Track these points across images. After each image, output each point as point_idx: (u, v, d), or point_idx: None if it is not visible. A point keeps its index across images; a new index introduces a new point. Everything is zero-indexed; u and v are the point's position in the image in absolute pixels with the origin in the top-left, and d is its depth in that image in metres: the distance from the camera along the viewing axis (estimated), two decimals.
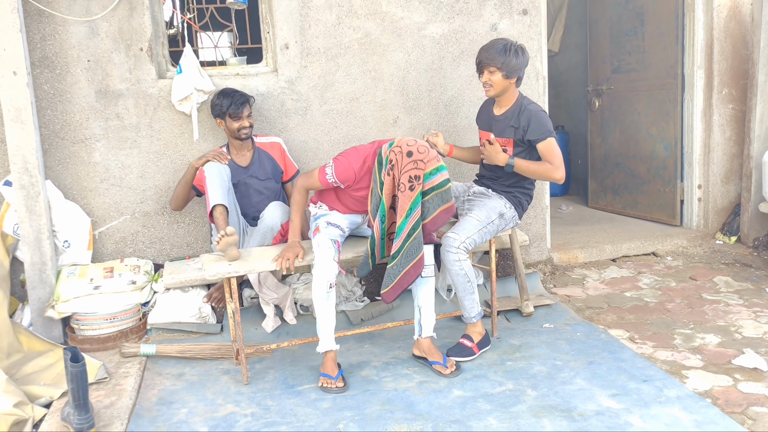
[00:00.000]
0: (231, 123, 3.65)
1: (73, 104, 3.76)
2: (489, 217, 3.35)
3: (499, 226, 3.42)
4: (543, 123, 3.33)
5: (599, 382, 3.00)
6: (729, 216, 5.07)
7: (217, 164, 3.59)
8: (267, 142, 3.85)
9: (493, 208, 3.39)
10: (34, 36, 3.64)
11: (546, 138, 3.32)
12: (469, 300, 3.34)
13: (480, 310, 3.39)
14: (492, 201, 3.43)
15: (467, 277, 3.28)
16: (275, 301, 3.73)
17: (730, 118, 4.99)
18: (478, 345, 3.35)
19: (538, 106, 3.44)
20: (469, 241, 3.26)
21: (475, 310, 3.36)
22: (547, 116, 3.38)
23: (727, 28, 4.85)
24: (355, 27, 4.07)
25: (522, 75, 3.39)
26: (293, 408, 2.93)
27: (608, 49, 5.63)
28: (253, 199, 3.77)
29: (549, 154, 3.33)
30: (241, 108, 3.63)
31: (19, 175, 3.51)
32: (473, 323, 3.37)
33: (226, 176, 3.60)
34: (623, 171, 5.64)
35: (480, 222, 3.32)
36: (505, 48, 3.29)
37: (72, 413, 2.68)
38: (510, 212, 3.45)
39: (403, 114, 4.22)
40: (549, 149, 3.33)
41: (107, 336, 3.54)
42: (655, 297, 4.07)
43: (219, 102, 3.66)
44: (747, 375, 3.03)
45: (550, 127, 3.34)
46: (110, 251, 3.92)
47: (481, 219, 3.33)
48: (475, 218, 3.33)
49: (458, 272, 3.25)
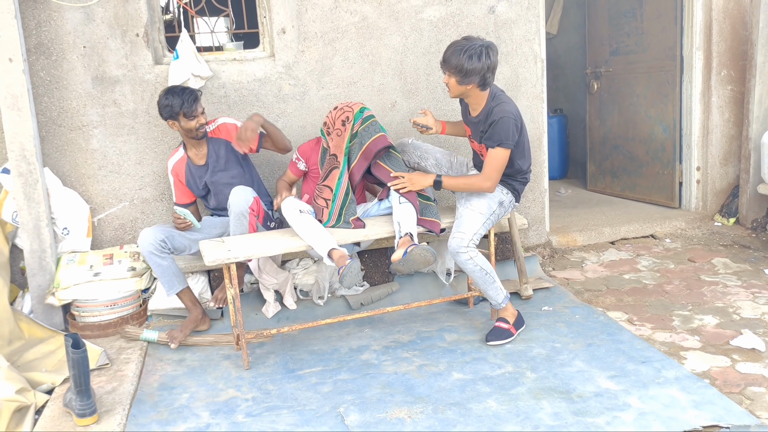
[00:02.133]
0: (186, 122, 3.47)
1: (69, 91, 3.74)
2: (490, 207, 3.34)
3: (499, 214, 3.42)
4: (499, 131, 3.17)
5: (598, 363, 3.02)
6: (727, 198, 5.08)
7: None
8: (214, 128, 3.67)
9: (493, 198, 3.37)
10: (30, 22, 3.62)
11: (495, 146, 3.21)
12: (493, 289, 3.35)
13: (506, 293, 3.40)
14: None
15: (483, 270, 3.28)
16: (275, 287, 3.74)
17: (729, 99, 4.97)
18: (515, 325, 3.36)
19: (506, 109, 3.20)
20: (476, 237, 3.27)
21: (500, 296, 3.37)
22: (509, 123, 3.17)
23: (726, 9, 4.83)
24: (352, 11, 4.04)
25: (486, 79, 3.16)
26: (294, 392, 2.95)
27: (607, 31, 5.61)
28: (225, 192, 3.61)
29: (488, 161, 3.25)
30: (195, 105, 3.46)
31: (16, 163, 3.50)
32: (503, 308, 3.39)
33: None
34: (622, 153, 5.64)
35: (483, 215, 3.31)
36: (462, 50, 3.08)
37: (74, 399, 2.70)
38: (507, 198, 3.44)
39: (401, 98, 4.21)
40: (490, 158, 3.24)
41: (108, 322, 3.55)
42: (653, 279, 4.08)
43: (168, 102, 3.44)
44: (745, 355, 3.05)
45: (506, 136, 3.17)
46: (109, 238, 3.92)
47: (483, 212, 3.32)
48: (477, 211, 3.31)
49: (473, 269, 3.26)
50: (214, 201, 3.73)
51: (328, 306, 3.83)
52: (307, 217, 3.33)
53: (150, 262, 3.42)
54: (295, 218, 3.32)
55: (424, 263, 3.23)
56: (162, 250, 3.41)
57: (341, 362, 3.21)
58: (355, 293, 3.89)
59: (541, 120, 4.45)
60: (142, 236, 3.43)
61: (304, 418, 2.72)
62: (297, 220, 3.32)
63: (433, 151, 3.66)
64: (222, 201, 3.70)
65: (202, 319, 3.56)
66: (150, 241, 3.40)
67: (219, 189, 3.68)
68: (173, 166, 3.72)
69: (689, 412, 2.58)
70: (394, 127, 4.21)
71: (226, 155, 3.66)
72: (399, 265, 3.21)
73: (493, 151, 3.22)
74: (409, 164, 3.67)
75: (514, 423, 2.59)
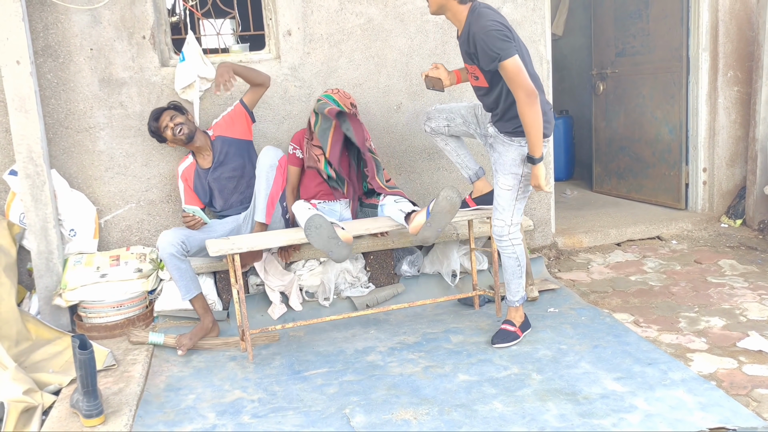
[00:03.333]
0: (168, 136, 3.61)
1: (76, 93, 3.76)
2: (515, 175, 3.08)
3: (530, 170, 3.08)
4: (488, 48, 2.83)
5: (604, 365, 3.01)
6: (734, 199, 5.06)
7: None
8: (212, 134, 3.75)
9: (513, 162, 3.07)
10: (37, 25, 3.64)
11: (498, 62, 2.84)
12: (516, 283, 3.29)
13: (524, 295, 3.34)
14: (508, 154, 3.09)
15: (518, 261, 3.22)
16: (280, 288, 3.75)
17: (736, 100, 4.96)
18: (521, 328, 3.31)
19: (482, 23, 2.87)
20: (515, 217, 3.14)
21: (520, 293, 3.31)
22: (493, 33, 2.83)
23: (732, 10, 4.81)
24: (357, 12, 4.05)
25: None
26: (300, 393, 2.95)
27: (612, 32, 5.60)
28: (230, 186, 3.73)
29: (507, 79, 2.88)
30: (156, 121, 3.61)
31: (24, 165, 3.52)
32: (516, 307, 3.32)
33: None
34: (628, 155, 5.63)
35: (511, 189, 3.10)
36: None
37: (81, 400, 2.70)
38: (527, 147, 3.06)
39: (406, 100, 4.21)
40: (506, 78, 2.87)
41: (114, 324, 3.56)
42: (659, 280, 4.07)
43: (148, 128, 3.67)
44: (752, 357, 3.04)
45: (497, 49, 2.82)
46: (116, 239, 3.94)
47: (511, 185, 3.10)
48: (505, 188, 3.11)
49: (510, 255, 3.21)
50: (220, 200, 3.75)
51: (333, 307, 3.84)
52: (315, 211, 3.40)
53: (169, 265, 3.39)
54: (305, 214, 3.36)
55: (451, 209, 3.20)
56: (182, 252, 3.41)
57: (347, 363, 3.21)
58: (361, 294, 3.90)
59: None
60: (162, 238, 3.42)
61: (309, 420, 2.72)
62: (306, 214, 3.36)
63: (457, 108, 3.44)
64: (227, 197, 3.74)
65: (212, 328, 3.53)
66: (171, 242, 3.39)
67: (222, 184, 3.71)
68: (183, 171, 3.77)
69: (696, 414, 2.58)
70: (400, 129, 4.22)
71: (226, 149, 3.71)
72: (427, 229, 3.21)
73: (503, 71, 2.86)
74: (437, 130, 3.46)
75: (520, 425, 2.59)
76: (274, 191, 3.57)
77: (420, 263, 4.11)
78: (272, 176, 3.57)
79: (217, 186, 3.71)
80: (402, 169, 4.27)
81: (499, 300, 3.63)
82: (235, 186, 3.74)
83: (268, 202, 3.56)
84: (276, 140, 4.04)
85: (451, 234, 3.90)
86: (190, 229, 3.56)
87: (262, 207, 3.56)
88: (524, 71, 2.85)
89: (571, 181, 6.78)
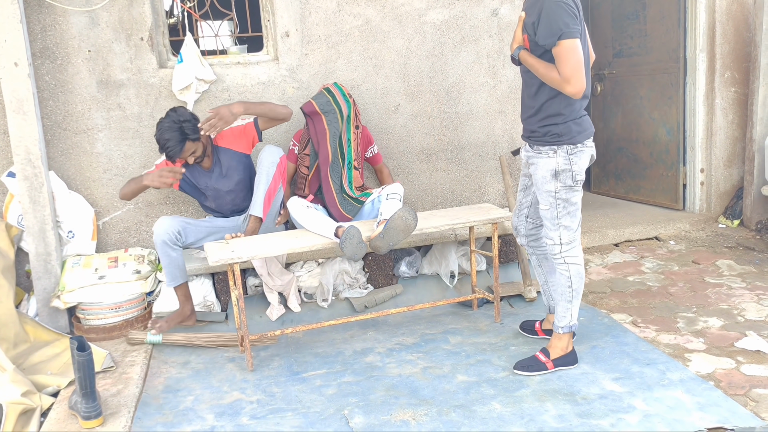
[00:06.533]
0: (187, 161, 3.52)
1: (74, 95, 3.76)
2: (548, 192, 2.84)
3: (565, 183, 2.82)
4: (553, 20, 2.61)
5: (602, 366, 3.02)
6: (732, 199, 5.07)
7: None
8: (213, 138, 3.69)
9: (544, 179, 2.84)
10: (35, 27, 3.64)
11: (555, 42, 2.62)
12: (564, 307, 2.98)
13: (572, 324, 2.98)
14: (538, 171, 2.87)
15: (569, 281, 2.93)
16: (279, 289, 3.75)
17: (733, 101, 4.97)
18: (556, 362, 2.98)
19: None
20: (565, 236, 2.88)
21: (565, 320, 2.98)
22: (564, 5, 2.61)
23: (729, 11, 4.83)
24: (355, 14, 4.06)
25: None
26: (298, 394, 2.95)
27: (610, 33, 5.61)
28: (227, 198, 3.74)
29: (558, 62, 2.65)
30: (179, 152, 3.43)
31: (22, 167, 3.52)
32: (559, 335, 3.01)
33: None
34: (626, 156, 5.63)
35: (549, 208, 2.86)
36: None
37: (79, 402, 2.70)
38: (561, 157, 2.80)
39: (404, 101, 4.21)
40: (558, 56, 2.64)
41: (113, 325, 3.56)
42: (657, 281, 4.08)
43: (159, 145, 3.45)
44: (749, 357, 3.04)
45: (562, 24, 2.60)
46: (114, 241, 3.94)
47: (548, 204, 2.86)
48: (544, 208, 2.89)
49: (562, 273, 2.94)
50: (214, 204, 3.76)
51: (332, 308, 3.84)
52: (312, 210, 3.46)
53: (159, 251, 3.43)
54: (302, 212, 3.46)
55: (405, 229, 3.21)
56: (175, 241, 3.45)
57: (345, 365, 3.21)
58: (359, 296, 3.90)
59: None
60: (158, 224, 3.44)
61: (308, 421, 2.72)
62: (303, 212, 3.46)
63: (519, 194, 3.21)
64: (222, 206, 3.76)
65: (189, 316, 3.59)
66: (167, 230, 3.42)
67: (221, 195, 3.72)
68: None
69: (694, 414, 2.58)
70: (398, 130, 4.22)
71: (228, 162, 3.69)
72: (378, 240, 3.22)
73: (558, 48, 2.62)
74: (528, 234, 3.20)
75: (518, 425, 2.59)
76: (272, 188, 3.57)
77: (418, 264, 4.11)
78: (272, 173, 3.58)
79: (215, 194, 3.72)
80: (400, 170, 4.27)
81: (498, 302, 3.63)
82: (232, 199, 3.75)
83: (265, 197, 3.56)
84: (274, 141, 4.04)
85: (449, 235, 3.90)
86: (189, 220, 3.58)
87: (259, 202, 3.56)
88: (582, 62, 2.64)
89: None
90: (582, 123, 2.83)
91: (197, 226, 3.59)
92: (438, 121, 4.28)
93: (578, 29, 2.65)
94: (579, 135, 2.80)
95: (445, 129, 4.29)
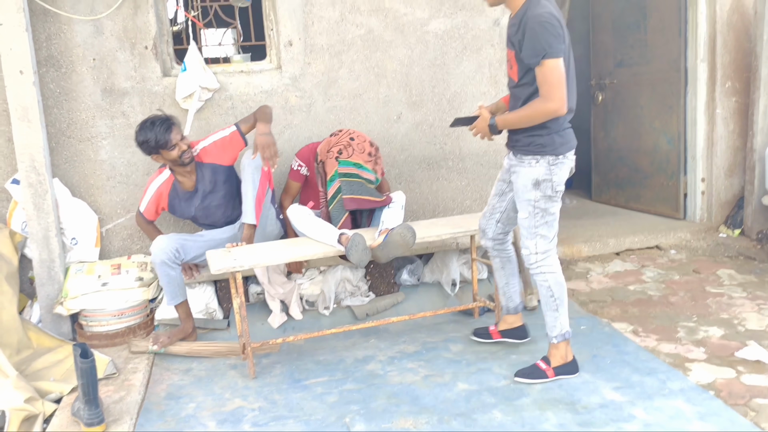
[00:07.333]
0: (168, 153, 3.44)
1: (79, 102, 3.78)
2: (528, 201, 2.89)
3: (545, 192, 2.88)
4: (537, 39, 2.67)
5: (603, 375, 3.03)
6: (732, 209, 5.08)
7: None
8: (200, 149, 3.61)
9: (525, 188, 2.89)
10: (40, 35, 3.67)
11: (539, 61, 2.68)
12: (551, 317, 2.99)
13: (564, 332, 2.99)
14: (519, 179, 2.92)
15: (550, 291, 2.95)
16: (281, 297, 3.76)
17: (734, 111, 4.99)
18: (558, 370, 3.00)
19: (539, 12, 2.71)
20: (541, 245, 2.92)
21: (556, 329, 2.98)
22: (548, 26, 2.67)
23: (730, 21, 4.85)
24: (358, 23, 4.08)
25: None
26: (300, 402, 2.96)
27: (611, 43, 5.63)
28: (218, 213, 3.70)
29: (540, 80, 2.71)
30: (169, 134, 3.39)
31: (26, 174, 3.54)
32: (555, 344, 3.01)
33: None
34: (627, 165, 5.65)
35: (527, 217, 2.91)
36: None
37: (82, 408, 2.72)
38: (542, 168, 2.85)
39: (406, 110, 4.24)
40: (541, 75, 2.70)
41: (115, 332, 3.58)
42: (658, 290, 4.09)
43: (144, 139, 3.41)
44: (750, 367, 3.05)
45: (546, 43, 2.66)
46: (117, 248, 3.95)
47: (527, 213, 2.91)
48: (522, 217, 2.94)
49: (541, 284, 2.97)
50: (207, 220, 3.74)
51: (333, 316, 3.85)
52: (314, 217, 3.48)
53: (159, 271, 3.42)
54: (304, 219, 3.47)
55: (404, 245, 3.28)
56: (174, 260, 3.43)
57: (347, 372, 3.22)
58: (361, 304, 3.91)
59: None
60: (156, 244, 3.43)
61: (310, 428, 2.73)
62: (305, 220, 3.47)
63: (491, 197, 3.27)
64: (216, 221, 3.73)
65: (191, 333, 3.57)
66: (164, 249, 3.40)
67: (211, 211, 3.69)
68: (159, 186, 3.64)
69: (694, 424, 2.59)
70: (400, 139, 4.25)
71: (214, 177, 3.64)
72: (378, 251, 3.28)
73: (541, 69, 2.69)
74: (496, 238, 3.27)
75: None
76: (260, 192, 3.55)
77: (420, 272, 4.13)
78: (257, 178, 3.54)
79: (204, 213, 3.68)
80: (401, 179, 4.29)
81: (499, 310, 3.63)
82: (223, 212, 3.72)
83: (256, 203, 3.53)
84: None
85: (451, 243, 3.92)
86: (185, 236, 3.58)
87: (250, 209, 3.52)
88: (563, 81, 2.70)
89: (571, 190, 6.77)
90: (565, 135, 2.87)
91: (195, 242, 3.58)
92: (440, 130, 4.30)
93: (561, 48, 2.70)
94: (561, 147, 2.85)
95: (446, 138, 4.31)
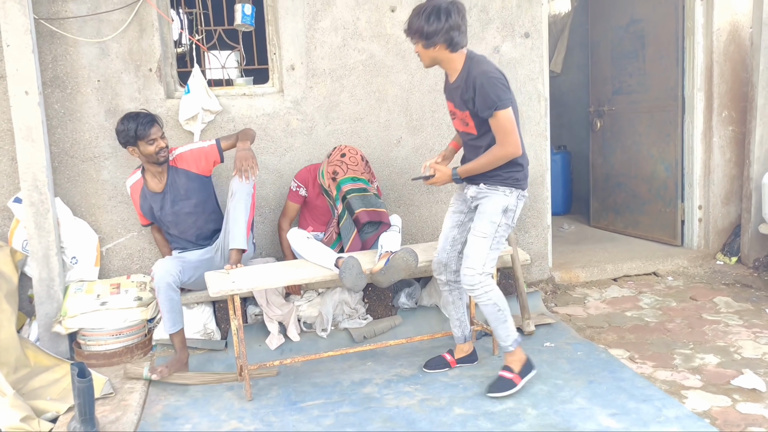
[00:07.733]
0: (146, 147, 3.45)
1: (83, 123, 3.83)
2: (493, 222, 3.02)
3: (509, 222, 3.07)
4: (487, 94, 2.85)
5: (599, 401, 3.03)
6: (729, 236, 5.11)
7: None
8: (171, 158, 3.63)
9: (494, 211, 3.03)
10: (46, 56, 3.72)
11: (492, 113, 2.87)
12: (503, 329, 3.12)
13: (516, 337, 3.15)
14: (489, 203, 3.05)
15: (497, 306, 3.06)
16: (279, 318, 3.77)
17: (730, 139, 5.04)
18: (520, 374, 3.14)
19: (485, 69, 2.90)
20: (488, 265, 3.03)
21: (510, 338, 3.14)
22: (495, 81, 2.87)
23: (726, 52, 4.92)
24: (360, 49, 4.14)
25: (453, 39, 2.87)
26: (296, 424, 2.96)
27: (610, 71, 5.70)
28: (188, 222, 3.68)
29: (495, 129, 2.92)
30: (150, 128, 3.43)
31: (29, 193, 3.57)
32: (511, 352, 3.15)
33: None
34: (624, 191, 5.69)
35: (487, 237, 3.02)
36: (420, 12, 2.86)
37: (78, 428, 2.72)
38: (512, 197, 3.05)
39: (406, 134, 4.28)
40: (495, 125, 2.91)
41: (113, 352, 3.58)
42: (655, 317, 4.10)
43: (124, 127, 3.43)
44: (746, 395, 3.05)
45: (496, 97, 2.85)
46: (117, 267, 3.97)
47: (487, 232, 3.01)
48: (480, 235, 3.03)
49: (486, 303, 3.06)
50: (176, 230, 3.71)
51: (331, 338, 3.85)
52: (313, 241, 3.52)
53: (163, 295, 3.33)
54: (303, 243, 3.52)
55: (406, 269, 3.31)
56: (178, 282, 3.39)
57: (343, 395, 3.23)
58: (359, 326, 3.92)
59: (544, 157, 4.52)
60: (159, 267, 3.37)
61: None
62: (304, 244, 3.51)
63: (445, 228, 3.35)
64: (185, 230, 3.71)
65: (186, 363, 3.49)
66: (169, 271, 3.36)
67: (181, 219, 3.67)
68: (132, 185, 3.70)
69: None
70: (399, 163, 4.28)
71: (187, 184, 3.64)
72: (380, 275, 3.30)
73: (495, 120, 2.89)
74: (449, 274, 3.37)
75: None
76: (250, 218, 3.57)
77: (418, 295, 4.14)
78: (249, 203, 3.55)
79: (174, 219, 3.67)
80: (401, 202, 4.32)
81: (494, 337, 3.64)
82: (194, 222, 3.69)
83: (246, 229, 3.53)
84: (278, 172, 4.10)
85: None
86: (180, 257, 3.58)
87: (242, 234, 3.49)
88: (516, 127, 2.93)
89: (569, 215, 6.83)
90: (523, 171, 3.11)
91: (187, 263, 3.56)
92: None
93: (510, 98, 2.92)
94: (525, 182, 3.12)
95: None
